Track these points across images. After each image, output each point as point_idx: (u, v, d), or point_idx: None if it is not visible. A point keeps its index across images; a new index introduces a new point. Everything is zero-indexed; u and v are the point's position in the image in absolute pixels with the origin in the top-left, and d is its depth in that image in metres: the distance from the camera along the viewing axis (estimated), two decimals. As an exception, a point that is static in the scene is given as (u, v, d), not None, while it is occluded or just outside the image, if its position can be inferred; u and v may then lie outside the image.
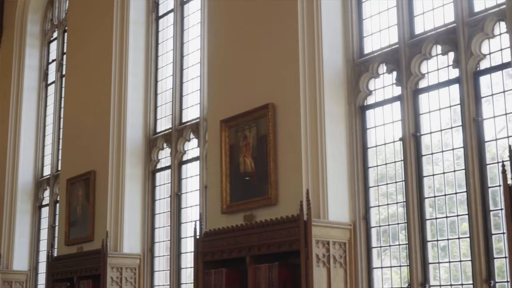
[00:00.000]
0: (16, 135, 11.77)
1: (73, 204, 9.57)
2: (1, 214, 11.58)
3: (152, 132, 9.14)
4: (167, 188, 8.78)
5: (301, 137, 6.34)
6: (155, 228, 8.87)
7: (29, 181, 11.63)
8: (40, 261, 11.23)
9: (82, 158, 9.62)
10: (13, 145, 11.76)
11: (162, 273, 8.67)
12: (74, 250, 9.29)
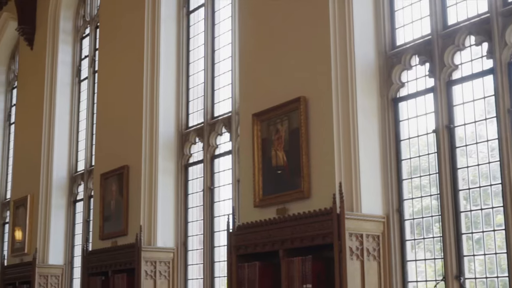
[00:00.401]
0: (50, 131, 11.90)
1: (107, 199, 9.66)
2: (37, 209, 11.72)
3: (184, 127, 9.19)
4: (200, 182, 8.82)
5: (333, 130, 6.32)
6: (188, 222, 8.92)
7: (64, 177, 11.75)
8: (75, 255, 11.35)
9: (115, 153, 9.70)
10: (47, 141, 11.90)
11: (196, 266, 8.72)
12: (108, 244, 9.37)
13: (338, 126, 6.34)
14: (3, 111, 14.80)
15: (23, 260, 11.76)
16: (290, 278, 6.29)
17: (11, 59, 14.85)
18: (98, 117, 10.56)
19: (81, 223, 11.28)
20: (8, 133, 14.64)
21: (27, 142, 12.68)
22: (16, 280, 11.64)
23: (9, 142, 14.54)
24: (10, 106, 14.69)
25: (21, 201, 12.26)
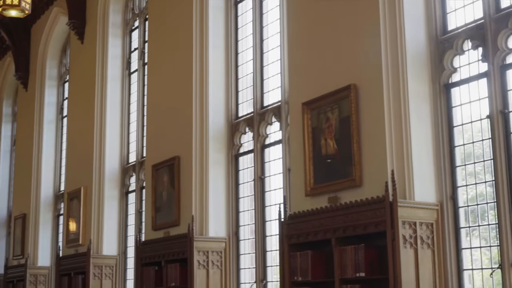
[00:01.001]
0: (102, 124, 12.06)
1: (159, 190, 9.75)
2: (90, 201, 11.90)
3: (234, 117, 9.21)
4: (251, 172, 8.83)
5: (385, 117, 6.26)
6: (239, 212, 8.95)
7: (116, 168, 11.90)
8: (129, 246, 11.50)
9: (166, 144, 9.78)
10: (99, 134, 12.06)
11: (248, 256, 8.75)
12: (161, 234, 9.47)
13: (389, 113, 6.27)
14: (55, 105, 15.04)
15: (78, 251, 11.96)
16: (342, 267, 6.26)
17: (62, 53, 15.09)
18: (148, 108, 10.66)
19: (133, 214, 11.42)
20: (61, 127, 14.88)
21: (79, 135, 12.88)
22: (71, 270, 11.84)
23: (62, 136, 14.78)
24: (62, 100, 14.92)
25: (74, 193, 12.47)
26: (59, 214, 14.30)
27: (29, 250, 14.33)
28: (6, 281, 15.03)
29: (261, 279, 8.32)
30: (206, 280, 8.57)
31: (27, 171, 15.06)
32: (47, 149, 14.74)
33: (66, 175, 13.48)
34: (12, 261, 15.23)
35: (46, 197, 14.50)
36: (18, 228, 15.05)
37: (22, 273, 14.00)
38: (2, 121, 17.76)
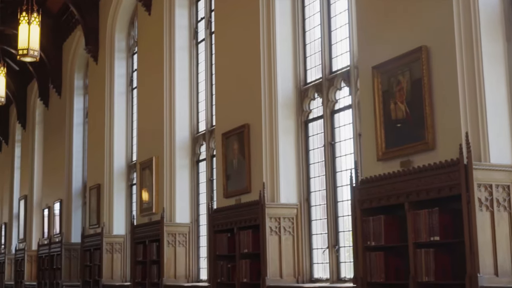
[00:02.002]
0: (171, 94, 12.19)
1: (229, 158, 9.83)
2: (162, 171, 12.10)
3: (302, 83, 9.17)
4: (320, 137, 8.81)
5: (458, 78, 6.12)
6: (310, 178, 8.95)
7: (186, 138, 12.03)
8: (201, 214, 11.66)
9: (235, 113, 9.83)
10: (169, 104, 12.19)
11: (319, 221, 8.76)
12: (232, 202, 9.57)
13: (462, 74, 6.14)
14: (125, 76, 15.27)
15: (152, 220, 12.20)
16: (416, 231, 6.21)
17: (130, 25, 15.26)
18: (216, 77, 10.71)
19: (204, 182, 11.55)
20: (131, 98, 15.11)
21: (149, 106, 13.06)
22: (146, 238, 12.10)
23: (132, 107, 15.01)
24: (132, 72, 15.13)
25: (146, 163, 12.69)
26: (132, 184, 14.60)
27: (105, 219, 14.70)
28: (84, 249, 15.48)
29: (333, 244, 8.33)
30: (278, 246, 8.63)
31: (99, 142, 15.39)
32: (119, 121, 15.01)
33: (137, 145, 13.73)
34: (88, 230, 15.66)
35: (119, 168, 14.81)
36: (93, 198, 15.45)
37: (99, 242, 14.39)
38: (74, 94, 18.15)
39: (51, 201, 19.00)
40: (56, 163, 19.07)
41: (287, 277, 8.60)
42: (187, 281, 11.41)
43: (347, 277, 8.05)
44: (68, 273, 16.95)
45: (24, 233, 22.11)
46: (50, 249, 18.02)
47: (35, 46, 10.82)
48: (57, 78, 18.93)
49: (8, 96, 17.64)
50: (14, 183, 24.27)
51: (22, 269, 20.95)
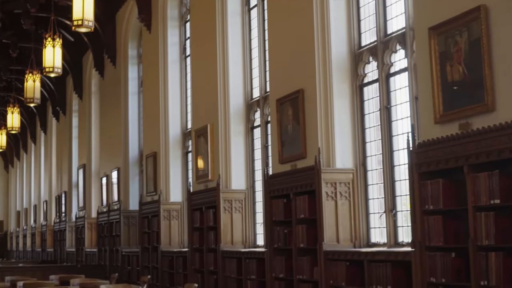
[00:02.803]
0: (224, 61, 12.20)
1: (284, 124, 9.82)
2: (217, 138, 12.17)
3: (357, 47, 9.07)
4: (376, 101, 8.72)
5: (518, 37, 5.97)
6: (366, 142, 8.89)
7: (240, 104, 12.06)
8: (256, 180, 11.71)
9: (289, 78, 9.80)
10: (222, 71, 12.22)
11: (376, 186, 8.71)
12: (288, 167, 9.58)
13: (522, 33, 5.97)
14: (178, 44, 15.34)
15: (208, 186, 12.31)
16: (476, 194, 6.12)
17: (182, -7, 15.29)
18: (270, 43, 10.66)
19: (259, 148, 11.58)
20: (185, 66, 15.18)
21: (203, 73, 13.11)
22: (203, 205, 12.23)
23: (186, 75, 15.09)
24: (185, 40, 15.18)
25: (201, 131, 12.77)
26: (187, 151, 14.74)
27: (161, 186, 14.91)
28: (142, 216, 15.75)
29: (390, 209, 8.28)
30: (334, 211, 8.63)
31: (155, 111, 15.55)
32: (173, 89, 15.13)
33: (192, 113, 13.82)
34: (146, 198, 15.90)
35: (174, 136, 14.96)
36: (150, 166, 15.66)
37: (156, 209, 14.61)
38: (128, 64, 18.34)
39: (109, 170, 19.34)
40: (112, 132, 19.37)
41: (344, 242, 8.61)
42: (244, 246, 11.52)
43: (404, 241, 8.01)
44: (127, 239, 17.30)
45: (83, 201, 22.60)
46: (109, 216, 18.39)
47: (89, 17, 10.91)
48: (112, 48, 19.15)
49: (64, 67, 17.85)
50: (73, 152, 24.77)
51: (83, 236, 21.46)
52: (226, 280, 11.28)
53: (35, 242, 31.06)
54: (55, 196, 27.57)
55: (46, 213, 29.35)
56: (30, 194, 34.31)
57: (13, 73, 24.43)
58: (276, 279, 9.55)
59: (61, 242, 25.06)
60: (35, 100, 14.28)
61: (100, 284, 10.32)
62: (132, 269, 16.55)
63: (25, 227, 34.52)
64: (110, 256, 18.26)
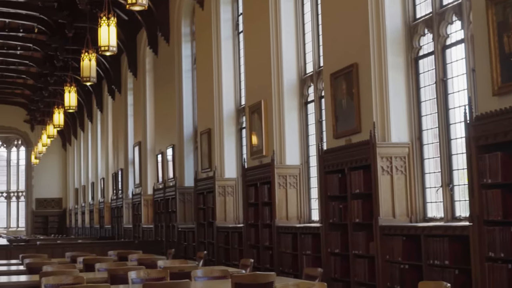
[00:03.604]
0: (277, 36, 12.16)
1: (338, 98, 9.76)
2: (271, 113, 12.16)
3: (411, 19, 8.92)
4: (431, 74, 8.58)
5: None
6: (421, 116, 8.77)
7: (293, 79, 12.02)
8: (311, 155, 11.69)
9: (343, 52, 9.71)
10: (275, 47, 12.18)
11: (432, 160, 8.60)
12: (342, 142, 9.53)
13: None
14: (230, 21, 15.34)
15: (262, 162, 12.34)
16: (536, 167, 6.00)
17: (234, -31, 15.25)
18: (323, 17, 10.57)
19: (313, 123, 11.54)
20: (238, 43, 15.18)
21: (256, 49, 13.09)
22: (257, 181, 12.28)
23: (239, 51, 15.10)
24: (237, 16, 15.16)
25: (255, 107, 12.79)
26: (241, 127, 14.78)
27: (216, 163, 15.00)
28: (197, 193, 15.89)
29: (447, 183, 8.18)
30: (390, 185, 8.56)
31: (208, 88, 15.62)
32: (226, 65, 15.16)
33: (245, 89, 13.84)
34: (200, 174, 16.03)
35: (228, 112, 15.01)
36: (204, 142, 15.76)
37: (211, 185, 14.73)
38: (182, 41, 18.43)
39: (164, 147, 19.55)
40: (167, 109, 19.54)
41: (400, 216, 8.55)
42: (299, 222, 11.53)
43: (462, 216, 7.91)
44: (183, 216, 17.50)
45: (139, 178, 22.91)
46: (165, 193, 18.62)
47: (143, -5, 10.95)
48: (165, 25, 19.27)
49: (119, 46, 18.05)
50: (128, 130, 25.11)
51: (139, 213, 21.78)
52: (281, 255, 11.33)
53: (93, 218, 31.67)
54: (112, 173, 28.02)
55: (103, 190, 29.87)
56: (87, 172, 34.94)
57: (69, 53, 24.80)
58: (332, 254, 9.55)
59: (118, 218, 25.50)
60: (91, 79, 14.43)
61: (157, 259, 10.46)
62: (188, 244, 16.75)
63: (83, 204, 35.21)
64: (166, 232, 18.52)
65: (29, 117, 40.62)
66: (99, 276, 8.89)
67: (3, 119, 41.79)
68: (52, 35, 24.84)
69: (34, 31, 26.31)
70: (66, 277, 7.55)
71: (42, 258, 11.63)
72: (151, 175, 21.69)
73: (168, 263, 9.87)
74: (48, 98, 31.77)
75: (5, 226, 44.58)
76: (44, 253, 13.79)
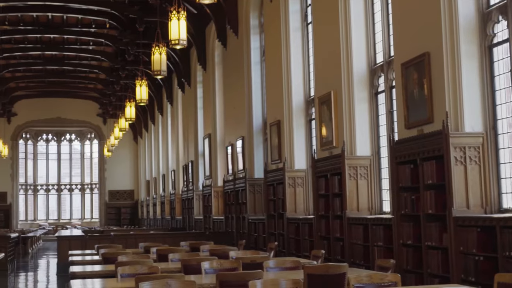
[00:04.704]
0: (347, 27, 12.08)
1: (409, 88, 9.63)
2: (341, 104, 12.10)
3: (485, 6, 8.73)
4: (506, 62, 8.38)
5: None
6: (496, 105, 8.58)
7: (363, 70, 11.92)
8: (381, 146, 11.58)
9: (414, 41, 9.58)
10: (345, 37, 12.10)
11: (507, 150, 8.41)
12: (414, 133, 9.41)
13: None
14: (299, 12, 15.32)
15: (332, 153, 12.30)
16: None
17: (302, -40, 15.20)
18: (393, 6, 10.45)
19: (384, 114, 11.43)
20: (306, 34, 15.15)
21: (325, 40, 13.04)
22: (327, 172, 12.25)
23: (308, 42, 15.06)
24: (306, 7, 15.13)
25: (324, 98, 12.74)
26: (311, 118, 14.75)
27: (286, 154, 15.03)
28: (267, 184, 15.95)
29: (523, 173, 7.99)
30: (464, 176, 8.41)
31: (277, 79, 15.65)
32: (295, 57, 15.16)
33: (315, 80, 13.80)
34: (270, 166, 16.09)
35: (297, 103, 15.01)
36: (274, 134, 15.80)
37: (281, 177, 14.76)
38: (250, 33, 18.50)
39: (234, 139, 19.69)
40: (236, 101, 19.67)
41: (474, 207, 8.39)
42: (370, 213, 11.46)
43: (539, 207, 7.72)
44: (253, 207, 17.59)
45: (209, 170, 23.14)
46: (235, 184, 18.76)
47: (212, -12, 11.05)
48: (234, 18, 19.38)
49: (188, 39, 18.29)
50: (198, 122, 25.38)
51: (210, 204, 22.00)
52: (353, 246, 11.28)
53: (164, 210, 32.17)
54: (182, 165, 28.39)
55: (174, 182, 30.30)
56: (158, 164, 35.49)
57: (140, 47, 25.24)
58: (404, 245, 9.46)
59: (189, 210, 25.83)
60: (162, 73, 14.63)
61: (229, 250, 10.57)
62: (258, 236, 16.84)
63: (154, 196, 35.80)
64: (236, 223, 18.66)
65: (102, 111, 41.59)
66: (172, 266, 9.05)
67: (77, 113, 42.90)
68: (123, 30, 25.34)
69: (106, 26, 26.91)
70: (141, 267, 7.71)
71: (116, 248, 11.90)
72: (221, 167, 21.88)
73: (239, 253, 9.97)
74: (119, 92, 32.45)
75: (80, 217, 45.78)
76: (118, 243, 14.10)
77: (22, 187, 44.63)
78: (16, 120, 42.69)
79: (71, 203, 46.24)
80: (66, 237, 19.20)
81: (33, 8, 24.98)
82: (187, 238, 16.31)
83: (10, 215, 42.23)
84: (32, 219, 44.89)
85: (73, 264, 10.12)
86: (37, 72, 35.62)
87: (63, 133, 46.13)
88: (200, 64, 23.89)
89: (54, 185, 46.10)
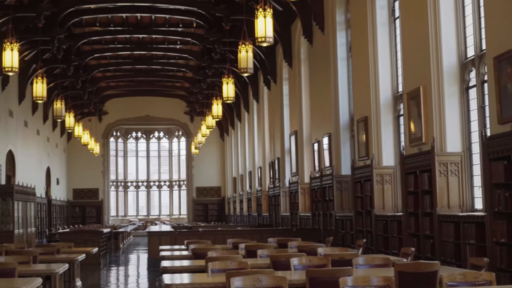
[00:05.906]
0: (436, 21, 11.85)
1: (502, 82, 9.37)
2: (430, 100, 11.89)
3: None
4: None
5: None
6: None
7: (453, 64, 11.67)
8: (473, 142, 11.31)
9: (507, 34, 9.31)
10: (434, 32, 11.87)
11: None
12: (508, 128, 9.15)
13: None
14: (386, 7, 15.13)
15: (421, 150, 12.10)
16: None
17: (389, -46, 15.01)
18: (485, -1, 10.20)
19: (475, 109, 11.16)
20: (394, 28, 14.95)
21: (413, 34, 12.83)
22: (417, 169, 12.04)
23: (395, 37, 14.86)
24: (393, 1, 14.93)
25: (413, 93, 12.54)
26: (399, 114, 14.55)
27: (373, 151, 14.88)
28: (354, 181, 15.83)
29: None
30: (561, 172, 8.14)
31: (364, 75, 15.51)
32: (382, 52, 14.99)
33: (403, 76, 13.60)
34: (358, 162, 15.96)
35: (385, 99, 14.84)
36: (361, 130, 15.68)
37: (368, 173, 14.62)
38: (336, 30, 18.40)
39: (320, 135, 19.64)
40: (322, 98, 19.60)
41: None
42: (461, 210, 11.21)
43: None
44: (340, 204, 17.48)
45: (296, 166, 23.16)
46: (321, 181, 18.70)
47: (298, -15, 11.08)
48: (319, 15, 19.31)
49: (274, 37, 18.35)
50: (284, 119, 25.43)
51: (296, 201, 22.02)
52: (443, 244, 11.06)
53: (251, 207, 32.39)
54: (269, 162, 28.51)
55: (261, 179, 30.46)
56: (245, 161, 35.78)
57: (226, 45, 25.47)
58: (497, 244, 9.21)
59: (276, 206, 25.91)
60: (248, 70, 14.74)
61: (317, 247, 10.55)
62: (345, 233, 16.74)
63: (241, 193, 36.10)
64: (323, 220, 18.60)
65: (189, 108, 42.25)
66: (261, 262, 9.10)
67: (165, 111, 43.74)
68: (209, 28, 25.65)
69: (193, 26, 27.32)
70: (230, 262, 7.80)
71: (206, 244, 12.07)
72: (308, 163, 21.87)
73: (328, 250, 9.93)
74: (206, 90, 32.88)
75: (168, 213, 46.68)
76: (207, 239, 14.30)
77: (113, 183, 45.88)
78: (107, 118, 43.92)
79: (160, 200, 47.23)
80: (156, 233, 19.59)
81: (123, 9, 25.63)
82: (274, 235, 16.38)
83: (102, 211, 43.50)
84: (122, 215, 46.10)
85: (164, 259, 10.32)
86: (126, 72, 36.52)
87: (152, 131, 47.14)
88: (286, 61, 23.92)
89: (144, 182, 47.17)
